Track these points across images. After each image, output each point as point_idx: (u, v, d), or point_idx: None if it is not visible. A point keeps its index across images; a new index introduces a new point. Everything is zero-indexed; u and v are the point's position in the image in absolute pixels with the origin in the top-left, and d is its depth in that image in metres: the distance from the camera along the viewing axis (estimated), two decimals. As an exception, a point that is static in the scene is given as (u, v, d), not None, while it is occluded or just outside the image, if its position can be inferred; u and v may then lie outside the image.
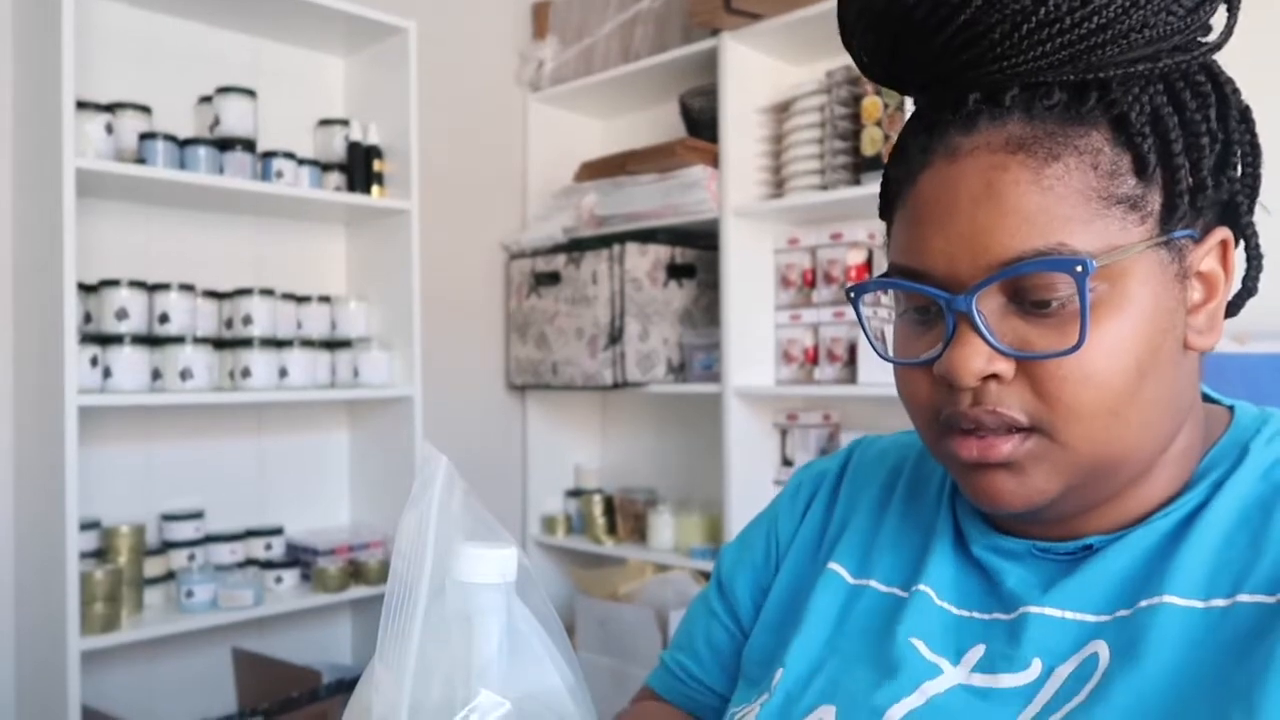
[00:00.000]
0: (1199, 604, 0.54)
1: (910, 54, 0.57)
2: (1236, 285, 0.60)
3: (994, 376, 0.55)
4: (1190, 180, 0.55)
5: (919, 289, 0.57)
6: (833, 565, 0.69)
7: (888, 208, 0.63)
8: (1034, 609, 0.58)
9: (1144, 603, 0.55)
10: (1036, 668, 0.56)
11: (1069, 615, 0.57)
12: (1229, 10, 0.57)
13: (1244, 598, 0.53)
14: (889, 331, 0.64)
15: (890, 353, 0.62)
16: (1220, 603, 0.53)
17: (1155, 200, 0.55)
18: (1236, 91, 0.58)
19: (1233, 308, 0.61)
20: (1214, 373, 0.68)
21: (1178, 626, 0.53)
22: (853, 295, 0.62)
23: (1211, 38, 0.57)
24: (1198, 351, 0.58)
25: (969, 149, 0.55)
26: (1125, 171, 0.54)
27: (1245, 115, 0.58)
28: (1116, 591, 0.57)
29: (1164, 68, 0.55)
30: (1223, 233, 0.58)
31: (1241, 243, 0.60)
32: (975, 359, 0.54)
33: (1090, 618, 0.57)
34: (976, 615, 0.61)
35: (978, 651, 0.59)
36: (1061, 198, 0.53)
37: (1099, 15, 0.52)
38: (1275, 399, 0.77)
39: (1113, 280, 0.53)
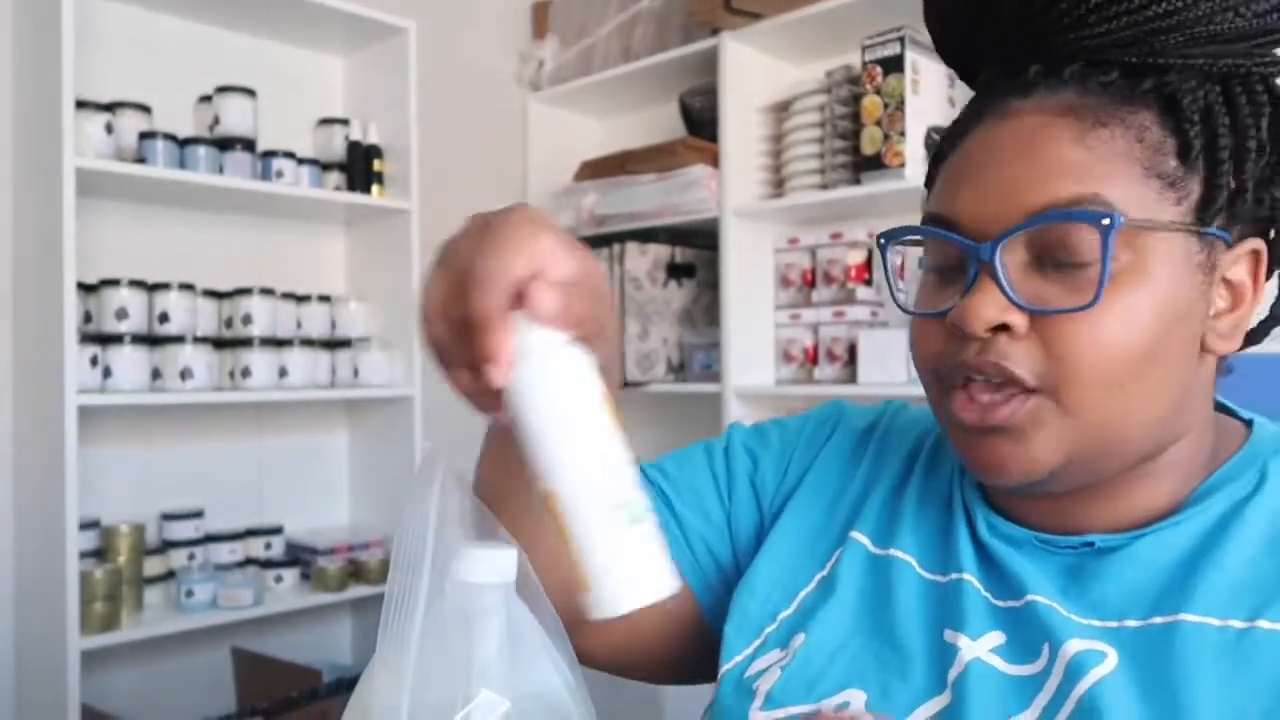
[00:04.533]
0: (1215, 622, 0.53)
1: (983, 26, 0.60)
2: (1264, 310, 0.60)
3: (1005, 328, 0.54)
4: (1232, 181, 0.55)
5: (946, 235, 0.57)
6: (855, 534, 0.68)
7: (935, 170, 0.63)
8: (1042, 599, 0.58)
9: (1159, 619, 0.54)
10: (1045, 652, 0.56)
11: (1075, 618, 0.57)
12: None
13: (1264, 624, 0.52)
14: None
15: (903, 302, 0.62)
16: (1238, 624, 0.53)
17: (1194, 188, 0.55)
18: None
19: (1259, 334, 0.60)
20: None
21: (1191, 645, 0.53)
22: (882, 242, 0.63)
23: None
24: (1216, 355, 0.58)
25: (1018, 110, 0.57)
26: (1169, 152, 0.55)
27: None
28: (1126, 602, 0.56)
29: (1224, 67, 0.56)
30: (1255, 244, 0.58)
31: (1277, 270, 0.60)
32: (988, 307, 0.54)
33: (1096, 623, 0.56)
34: (995, 602, 0.60)
35: (997, 637, 0.58)
36: (1103, 157, 0.54)
37: (1168, 2, 0.53)
38: (1274, 399, 0.77)
39: (1138, 251, 0.53)
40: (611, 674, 0.76)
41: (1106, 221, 0.52)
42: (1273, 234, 0.59)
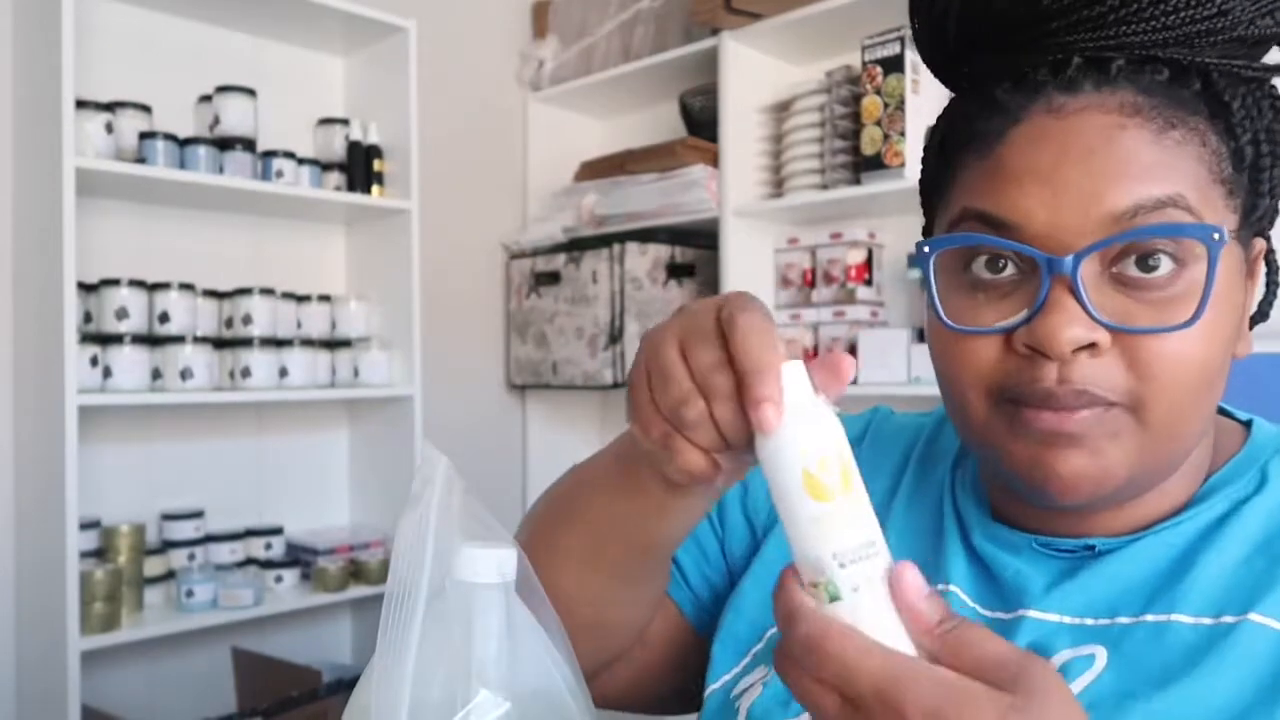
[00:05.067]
0: (1208, 620, 0.52)
1: (1010, 9, 0.54)
2: (1252, 308, 0.59)
3: (1089, 347, 0.51)
4: (1268, 184, 0.55)
5: (1013, 246, 0.52)
6: None
7: (941, 170, 0.58)
8: (1034, 613, 0.57)
9: (1151, 617, 0.53)
10: None
11: (1067, 619, 0.56)
12: None
13: (1254, 617, 0.51)
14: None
15: (945, 318, 0.56)
16: (1229, 619, 0.52)
17: (1242, 195, 0.54)
18: None
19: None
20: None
21: (1182, 643, 0.52)
22: (926, 250, 0.56)
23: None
24: (1235, 358, 0.57)
25: (1077, 108, 0.52)
26: (1225, 157, 0.53)
27: None
28: (1120, 598, 0.55)
29: (1257, 71, 0.54)
30: (1261, 244, 0.58)
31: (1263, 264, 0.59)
32: (1073, 326, 0.50)
33: (1089, 621, 0.55)
34: (983, 611, 0.59)
35: None
36: (1180, 158, 0.51)
37: (1215, 2, 0.51)
38: (1274, 399, 0.77)
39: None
40: (624, 711, 0.76)
41: (1216, 236, 0.49)
42: (1268, 229, 0.59)
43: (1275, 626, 0.51)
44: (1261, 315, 0.60)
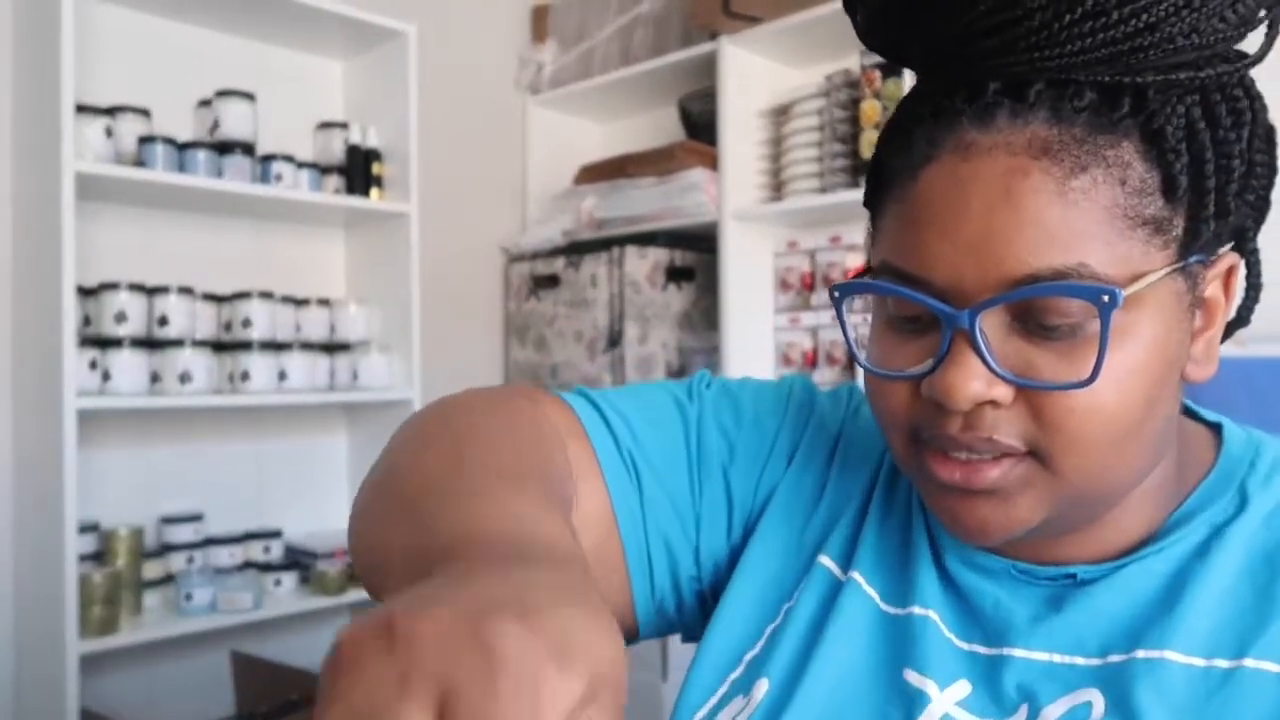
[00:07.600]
0: (1200, 662, 0.51)
1: (924, 28, 0.51)
2: (1230, 312, 0.56)
3: (990, 402, 0.50)
4: (1214, 205, 0.50)
5: (916, 298, 0.51)
6: (823, 559, 0.63)
7: (876, 196, 0.55)
8: (1019, 652, 0.55)
9: (1142, 653, 0.52)
10: (1023, 713, 0.53)
11: (1057, 659, 0.54)
12: (1270, 24, 0.51)
13: (1250, 663, 0.50)
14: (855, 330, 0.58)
15: (866, 357, 0.56)
16: (1224, 664, 0.51)
17: (1179, 224, 0.50)
18: (1265, 109, 0.53)
19: (1224, 337, 0.57)
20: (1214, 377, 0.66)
21: (1178, 687, 0.50)
22: (837, 295, 0.55)
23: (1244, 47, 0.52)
24: (1193, 383, 0.54)
25: (985, 147, 0.49)
26: (1153, 191, 0.49)
27: (1270, 135, 0.54)
28: (1109, 634, 0.54)
29: (1204, 78, 0.49)
30: (1231, 257, 0.54)
31: (1242, 269, 0.56)
32: (973, 382, 0.49)
33: (1080, 660, 0.54)
34: (960, 643, 0.57)
35: (963, 688, 0.55)
36: (1086, 212, 0.48)
37: (1148, 13, 0.46)
38: (1274, 403, 0.77)
39: (1129, 309, 0.49)
40: None
41: (1106, 299, 0.47)
42: (1248, 233, 0.56)
43: (1273, 670, 0.50)
44: (1240, 321, 0.58)
